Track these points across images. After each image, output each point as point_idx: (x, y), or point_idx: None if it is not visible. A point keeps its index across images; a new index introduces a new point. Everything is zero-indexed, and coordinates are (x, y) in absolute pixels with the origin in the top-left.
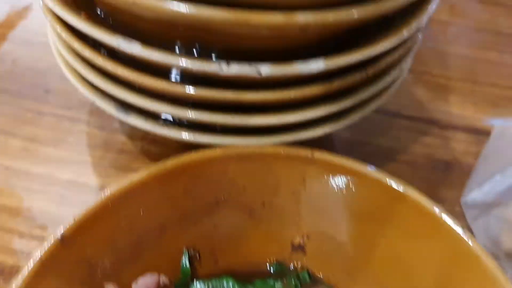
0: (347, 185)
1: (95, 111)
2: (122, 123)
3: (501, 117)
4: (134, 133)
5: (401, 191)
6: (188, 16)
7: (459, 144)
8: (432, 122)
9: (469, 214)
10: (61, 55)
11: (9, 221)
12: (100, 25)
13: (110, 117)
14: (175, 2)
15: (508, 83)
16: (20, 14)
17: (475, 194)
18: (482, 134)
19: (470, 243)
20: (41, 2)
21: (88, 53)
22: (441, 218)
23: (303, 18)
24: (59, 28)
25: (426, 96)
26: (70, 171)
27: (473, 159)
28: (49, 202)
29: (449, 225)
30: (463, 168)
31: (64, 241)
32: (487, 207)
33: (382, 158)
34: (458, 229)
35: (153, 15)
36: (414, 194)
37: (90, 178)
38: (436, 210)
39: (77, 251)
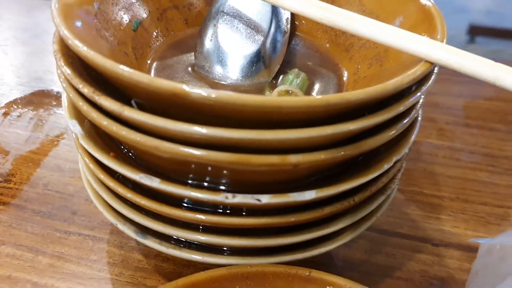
0: None
1: (115, 231)
2: (138, 242)
3: (490, 234)
4: (149, 252)
5: None
6: (200, 157)
7: (453, 261)
8: (426, 240)
9: None
10: (89, 183)
11: None
12: (125, 162)
13: (128, 236)
14: (191, 149)
15: (497, 201)
16: (52, 141)
17: None
18: (474, 251)
19: None
20: (74, 137)
21: (112, 184)
22: None
23: (294, 158)
24: (89, 162)
25: (418, 215)
26: (91, 287)
27: (467, 275)
28: None
29: None
30: (457, 285)
31: None
32: None
33: (379, 275)
34: None
35: (171, 156)
36: None
37: None
38: None
39: None
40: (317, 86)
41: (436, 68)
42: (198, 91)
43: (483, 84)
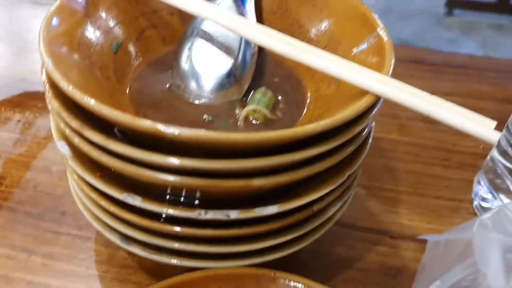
0: None
1: None
2: None
3: (442, 227)
4: None
5: None
6: (175, 183)
7: (408, 252)
8: (384, 233)
9: None
10: (78, 196)
11: None
12: (111, 181)
13: None
14: (167, 175)
15: (450, 195)
16: (40, 143)
17: None
18: (426, 243)
19: None
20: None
21: (103, 202)
22: None
23: (257, 182)
24: (78, 180)
25: (378, 209)
26: (81, 284)
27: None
28: None
29: None
30: (410, 274)
31: None
32: None
33: (340, 266)
34: None
35: (150, 181)
36: None
37: None
38: None
39: None
40: (282, 104)
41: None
42: (171, 130)
43: (443, 79)
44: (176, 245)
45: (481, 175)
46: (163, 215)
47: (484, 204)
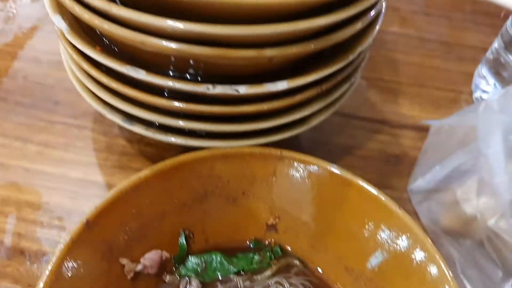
0: (309, 177)
1: (98, 119)
2: (121, 128)
3: (441, 116)
4: (132, 137)
5: (350, 180)
6: (181, 51)
7: (408, 140)
8: (384, 122)
9: (414, 199)
10: (75, 76)
11: (31, 214)
12: (112, 56)
13: (111, 123)
14: (173, 43)
15: (449, 86)
16: (27, 34)
17: (419, 182)
18: (426, 131)
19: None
20: (56, 30)
21: (104, 79)
22: (379, 197)
23: (269, 52)
24: (76, 56)
25: (378, 99)
26: (80, 171)
27: (419, 153)
28: (64, 197)
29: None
30: (410, 161)
31: (89, 225)
32: (429, 193)
33: (341, 154)
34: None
35: (156, 50)
36: (360, 182)
37: (97, 177)
38: (375, 192)
39: (98, 233)
40: None
41: None
42: None
43: None
44: (181, 123)
45: (482, 67)
46: (165, 92)
47: (484, 95)
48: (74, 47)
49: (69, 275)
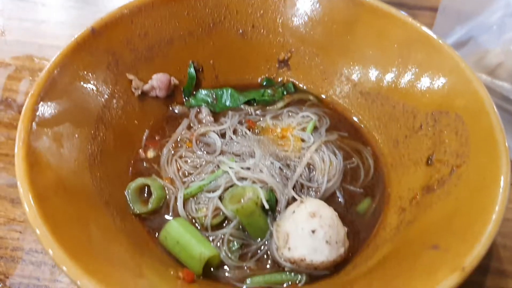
0: (320, 1)
1: None
2: None
3: None
4: None
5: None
6: None
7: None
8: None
9: None
10: None
11: None
12: None
13: None
14: None
15: None
16: None
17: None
18: None
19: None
20: None
21: None
22: (396, 15)
23: None
24: None
25: None
26: None
27: None
28: None
29: (402, 19)
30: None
31: (94, 32)
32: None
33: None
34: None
35: None
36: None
37: None
38: (392, 10)
39: (103, 42)
40: None
41: None
42: None
43: None
44: None
45: None
46: None
47: None
48: None
49: (73, 79)
